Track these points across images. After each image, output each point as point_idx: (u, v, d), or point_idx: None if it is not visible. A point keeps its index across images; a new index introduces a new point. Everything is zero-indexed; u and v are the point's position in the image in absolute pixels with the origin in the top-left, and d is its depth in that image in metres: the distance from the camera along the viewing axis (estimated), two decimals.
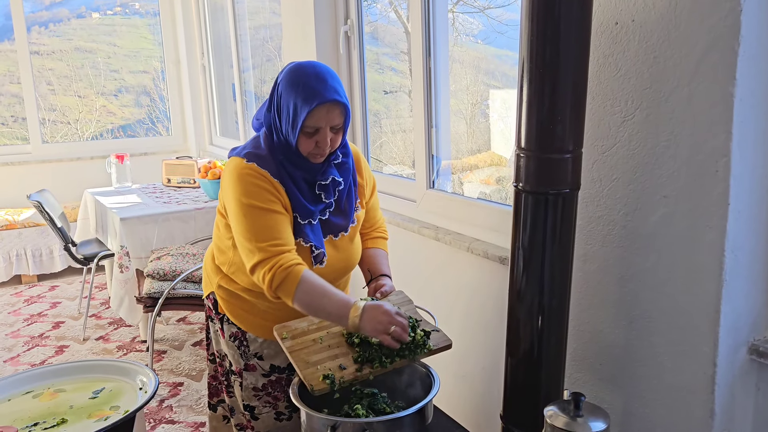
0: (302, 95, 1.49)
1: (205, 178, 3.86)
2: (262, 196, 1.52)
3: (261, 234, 1.50)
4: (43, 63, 5.44)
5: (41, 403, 1.60)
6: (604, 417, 1.21)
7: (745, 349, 1.33)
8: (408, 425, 1.37)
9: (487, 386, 2.04)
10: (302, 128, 1.51)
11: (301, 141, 1.54)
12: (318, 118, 1.50)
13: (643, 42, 1.36)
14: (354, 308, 1.46)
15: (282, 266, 1.47)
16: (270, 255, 1.48)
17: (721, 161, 1.24)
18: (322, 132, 1.52)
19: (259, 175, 1.54)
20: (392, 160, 3.25)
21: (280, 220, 1.53)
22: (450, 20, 2.52)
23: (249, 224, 1.51)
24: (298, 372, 1.46)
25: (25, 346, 3.66)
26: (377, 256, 1.79)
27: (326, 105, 1.49)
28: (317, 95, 1.48)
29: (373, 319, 1.45)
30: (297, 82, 1.51)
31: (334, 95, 1.50)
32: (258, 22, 4.62)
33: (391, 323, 1.45)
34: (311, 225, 1.59)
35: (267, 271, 1.48)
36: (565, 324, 1.47)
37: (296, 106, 1.50)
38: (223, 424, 1.99)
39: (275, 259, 1.48)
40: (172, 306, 3.09)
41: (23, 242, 4.73)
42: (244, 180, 1.54)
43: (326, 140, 1.53)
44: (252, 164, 1.55)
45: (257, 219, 1.51)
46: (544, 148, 1.34)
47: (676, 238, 1.34)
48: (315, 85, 1.49)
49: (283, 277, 1.47)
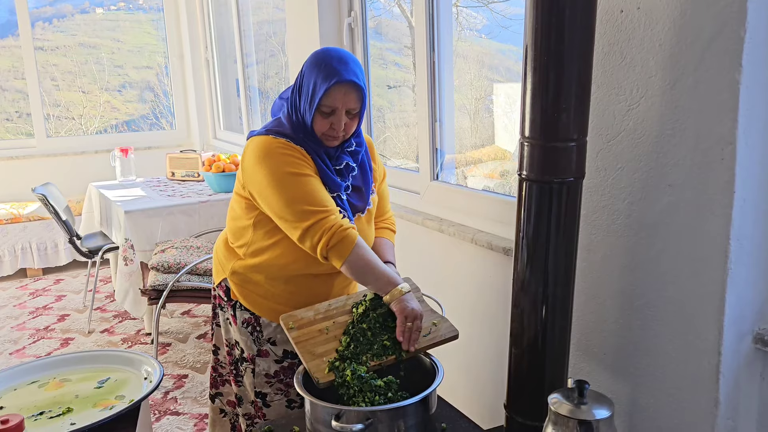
0: (323, 74, 1.53)
1: (209, 171, 3.87)
2: (296, 164, 1.56)
3: (307, 198, 1.53)
4: (47, 58, 5.45)
5: (47, 392, 1.60)
6: (608, 405, 1.21)
7: (750, 339, 1.33)
8: (412, 414, 1.37)
9: (491, 376, 2.04)
10: (319, 106, 1.55)
11: (316, 120, 1.57)
12: (335, 98, 1.54)
13: (648, 30, 1.35)
14: (400, 286, 1.53)
15: (340, 228, 1.50)
16: (323, 216, 1.51)
17: (727, 149, 1.23)
18: (338, 114, 1.56)
19: (289, 146, 1.58)
20: (396, 155, 3.24)
21: (317, 184, 1.57)
22: (454, 15, 2.51)
23: (292, 192, 1.53)
24: (304, 363, 1.46)
25: (31, 338, 3.68)
26: (383, 245, 1.80)
27: (344, 85, 1.53)
28: (336, 74, 1.52)
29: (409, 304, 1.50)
30: (320, 63, 1.56)
31: (352, 77, 1.54)
32: (261, 18, 4.62)
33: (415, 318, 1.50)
34: (341, 198, 1.63)
35: (324, 232, 1.50)
36: (569, 314, 1.47)
37: (315, 83, 1.55)
38: (219, 416, 1.99)
39: (330, 221, 1.51)
40: (176, 298, 3.10)
41: (28, 236, 4.75)
42: (275, 152, 1.56)
43: (341, 123, 1.56)
44: (281, 139, 1.59)
45: (298, 185, 1.54)
46: (549, 137, 1.34)
47: (681, 227, 1.34)
48: (336, 65, 1.54)
49: (340, 238, 1.50)
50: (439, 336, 1.57)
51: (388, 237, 1.84)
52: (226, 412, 1.99)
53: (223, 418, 1.99)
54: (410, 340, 1.50)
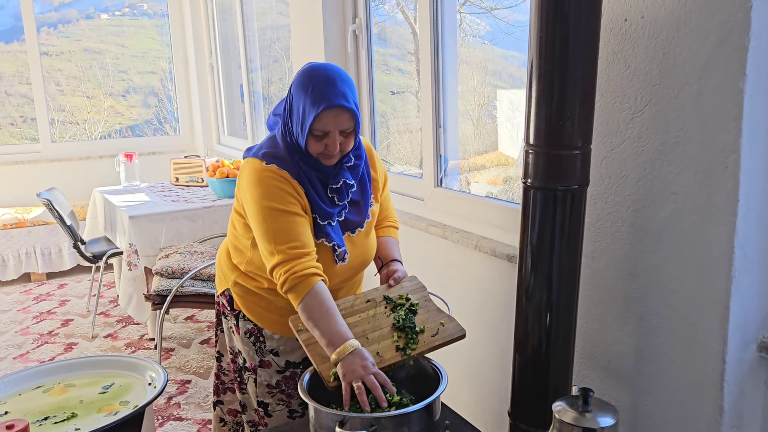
0: (311, 98, 1.49)
1: (213, 176, 3.88)
2: (282, 198, 1.53)
3: (280, 236, 1.51)
4: (52, 63, 5.47)
5: (51, 397, 1.61)
6: (612, 412, 1.21)
7: (755, 346, 1.33)
8: (416, 421, 1.37)
9: (495, 383, 2.04)
10: (310, 131, 1.51)
11: (310, 143, 1.54)
12: (326, 123, 1.50)
13: (652, 38, 1.36)
14: (345, 345, 1.41)
15: (297, 273, 1.48)
16: (289, 258, 1.49)
17: (731, 157, 1.23)
18: (331, 136, 1.52)
19: (279, 177, 1.54)
20: (399, 161, 3.25)
21: (300, 222, 1.53)
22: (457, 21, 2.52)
23: (269, 226, 1.52)
24: (315, 366, 1.47)
25: (35, 343, 3.68)
26: (388, 243, 1.78)
27: (334, 110, 1.49)
28: (324, 99, 1.48)
29: (352, 364, 1.39)
30: (307, 85, 1.51)
31: (341, 101, 1.49)
32: (265, 23, 4.64)
33: (365, 375, 1.38)
34: (331, 226, 1.60)
35: (283, 273, 1.49)
36: (573, 321, 1.47)
37: (305, 109, 1.51)
38: (219, 425, 1.99)
39: (293, 263, 1.49)
40: (180, 303, 3.10)
41: (33, 240, 4.76)
42: (264, 182, 1.54)
43: (335, 144, 1.53)
44: (272, 166, 1.55)
45: (277, 221, 1.52)
46: (553, 145, 1.34)
47: (685, 235, 1.34)
48: (324, 89, 1.49)
49: (295, 282, 1.48)
50: (446, 336, 1.57)
51: (392, 235, 1.83)
52: (226, 422, 1.98)
53: (223, 428, 1.99)
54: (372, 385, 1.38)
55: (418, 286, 1.69)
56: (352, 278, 1.72)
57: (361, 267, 1.72)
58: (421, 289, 1.68)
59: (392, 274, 1.69)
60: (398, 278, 1.68)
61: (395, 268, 1.71)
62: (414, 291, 1.67)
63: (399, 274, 1.69)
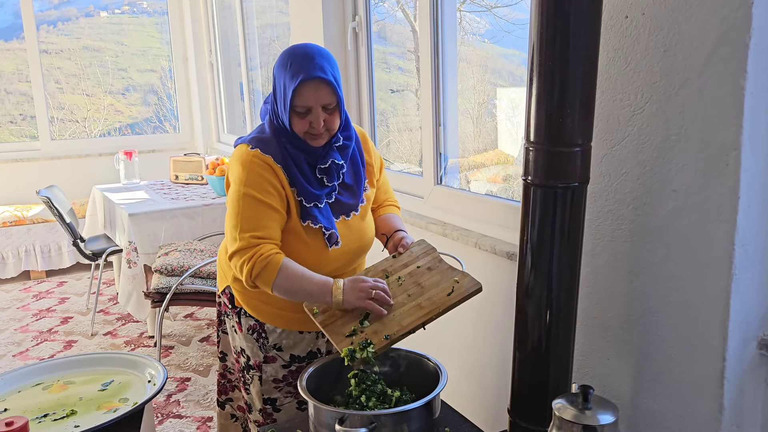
0: (290, 74, 1.51)
1: (213, 174, 3.88)
2: (262, 187, 1.53)
3: (247, 223, 1.52)
4: (51, 61, 5.47)
5: (51, 395, 1.61)
6: (612, 410, 1.21)
7: (755, 344, 1.33)
8: (415, 418, 1.37)
9: (494, 380, 2.04)
10: (292, 107, 1.52)
11: (294, 121, 1.54)
12: (306, 97, 1.51)
13: (653, 35, 1.35)
14: (335, 285, 1.50)
15: (262, 255, 1.49)
16: (250, 245, 1.50)
17: (732, 155, 1.23)
18: (314, 112, 1.52)
19: (262, 163, 1.55)
20: (399, 159, 3.25)
21: (272, 216, 1.54)
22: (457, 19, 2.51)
23: (239, 210, 1.53)
24: (336, 347, 1.47)
25: (34, 341, 3.68)
26: (389, 218, 1.78)
27: (312, 82, 1.49)
28: (302, 71, 1.49)
29: (354, 289, 1.49)
30: (286, 62, 1.53)
31: (318, 72, 1.49)
32: (265, 21, 4.64)
33: (372, 288, 1.50)
34: (318, 207, 1.59)
35: (246, 261, 1.49)
36: (573, 318, 1.47)
37: (285, 85, 1.52)
38: (231, 422, 1.99)
39: (255, 249, 1.50)
40: (180, 301, 3.10)
41: (32, 238, 4.76)
42: (246, 167, 1.55)
43: (319, 120, 1.53)
44: (256, 150, 1.56)
45: (249, 208, 1.53)
46: (554, 142, 1.34)
47: (685, 232, 1.34)
48: (302, 63, 1.50)
49: (263, 266, 1.48)
50: (462, 292, 1.57)
51: (393, 212, 1.83)
52: (238, 417, 1.98)
53: (235, 423, 1.98)
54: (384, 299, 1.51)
55: (428, 248, 1.68)
56: (350, 264, 1.71)
57: (359, 252, 1.71)
58: (431, 251, 1.67)
59: (399, 242, 1.69)
60: (406, 245, 1.68)
61: (401, 235, 1.72)
62: (424, 254, 1.66)
63: (406, 241, 1.69)
